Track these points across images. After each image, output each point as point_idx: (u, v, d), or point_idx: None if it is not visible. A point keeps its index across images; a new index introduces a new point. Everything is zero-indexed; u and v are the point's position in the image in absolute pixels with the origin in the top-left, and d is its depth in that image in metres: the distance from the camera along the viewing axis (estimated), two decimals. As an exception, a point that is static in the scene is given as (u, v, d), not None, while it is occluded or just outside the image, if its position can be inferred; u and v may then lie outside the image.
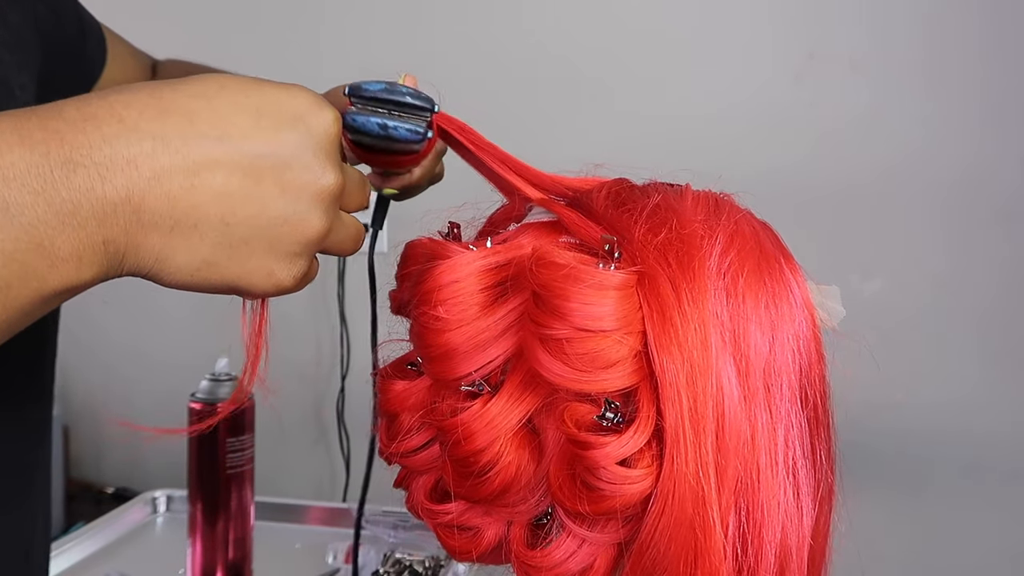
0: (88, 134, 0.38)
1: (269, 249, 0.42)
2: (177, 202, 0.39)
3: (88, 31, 0.75)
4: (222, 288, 0.43)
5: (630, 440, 0.40)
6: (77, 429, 1.60)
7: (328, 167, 0.43)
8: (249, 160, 0.41)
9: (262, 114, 0.42)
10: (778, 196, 0.92)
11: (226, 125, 0.41)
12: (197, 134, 0.40)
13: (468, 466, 0.43)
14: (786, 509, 0.43)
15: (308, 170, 0.42)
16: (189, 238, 0.40)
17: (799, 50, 1.33)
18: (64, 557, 1.11)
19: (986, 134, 1.29)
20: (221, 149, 0.40)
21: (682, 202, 0.46)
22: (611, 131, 1.38)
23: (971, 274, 1.30)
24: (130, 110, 0.39)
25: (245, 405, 1.04)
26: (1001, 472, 1.31)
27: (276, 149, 0.41)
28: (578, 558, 0.44)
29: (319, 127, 0.43)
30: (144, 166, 0.38)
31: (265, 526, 1.20)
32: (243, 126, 0.41)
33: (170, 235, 0.40)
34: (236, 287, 0.43)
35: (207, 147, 0.40)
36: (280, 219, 0.42)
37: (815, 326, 0.46)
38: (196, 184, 0.39)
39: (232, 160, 0.40)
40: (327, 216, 0.44)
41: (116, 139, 0.38)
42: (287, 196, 0.42)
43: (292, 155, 0.42)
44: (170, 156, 0.39)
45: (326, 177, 0.43)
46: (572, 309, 0.40)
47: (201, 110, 0.40)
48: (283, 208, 0.42)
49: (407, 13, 1.45)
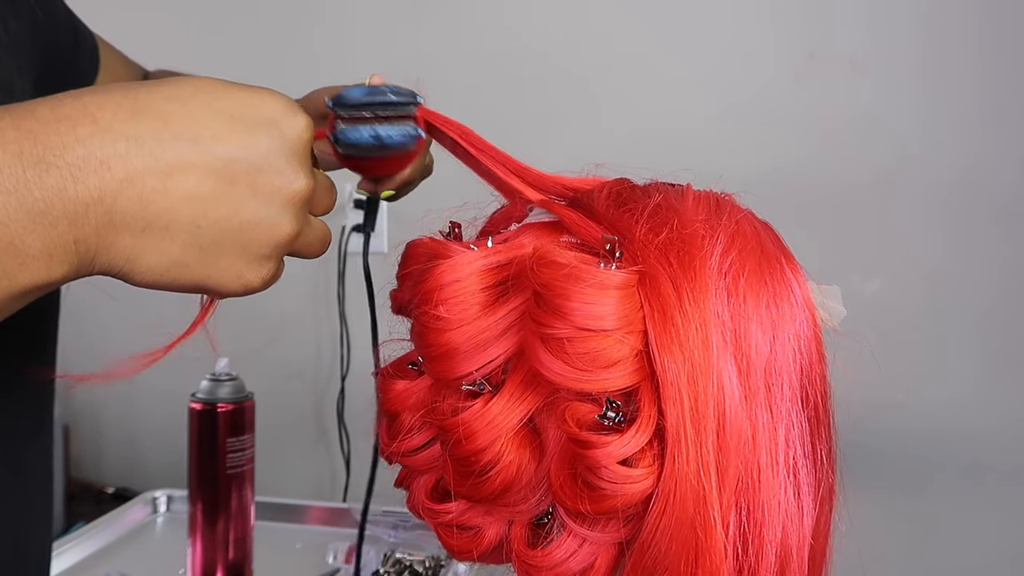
0: (62, 135, 0.38)
1: (240, 252, 0.43)
2: (149, 204, 0.40)
3: (82, 40, 0.75)
4: (191, 288, 0.43)
5: (631, 439, 0.40)
6: (77, 429, 1.60)
7: (300, 172, 0.43)
8: (222, 163, 0.41)
9: (236, 118, 0.42)
10: (779, 196, 0.92)
11: (200, 128, 0.41)
12: (171, 136, 0.40)
13: (469, 465, 0.43)
14: (787, 508, 0.43)
15: (280, 174, 0.43)
16: (160, 239, 0.40)
17: (799, 50, 1.33)
18: (64, 557, 1.11)
19: (986, 134, 1.29)
20: (194, 152, 0.40)
21: (683, 202, 0.46)
22: (611, 131, 1.38)
23: (971, 274, 1.30)
24: (104, 111, 0.39)
25: (246, 404, 1.04)
26: (1001, 472, 1.31)
27: (249, 153, 0.42)
28: (579, 557, 0.44)
29: (292, 132, 0.43)
30: (117, 167, 0.39)
31: (265, 526, 1.20)
32: (217, 129, 0.41)
33: (141, 236, 0.40)
34: (205, 287, 0.43)
35: (180, 149, 0.40)
36: (252, 222, 0.42)
37: (816, 326, 0.46)
38: (168, 186, 0.40)
39: (205, 163, 0.41)
40: (297, 220, 0.44)
41: (89, 140, 0.38)
42: (259, 200, 0.42)
43: (265, 159, 0.42)
44: (143, 158, 0.39)
45: (298, 182, 0.43)
46: (573, 308, 0.40)
47: (175, 112, 0.41)
48: (255, 211, 0.42)
49: (397, 14, 1.46)
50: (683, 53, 1.37)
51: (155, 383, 1.57)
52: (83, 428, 1.61)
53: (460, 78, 1.42)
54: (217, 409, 1.02)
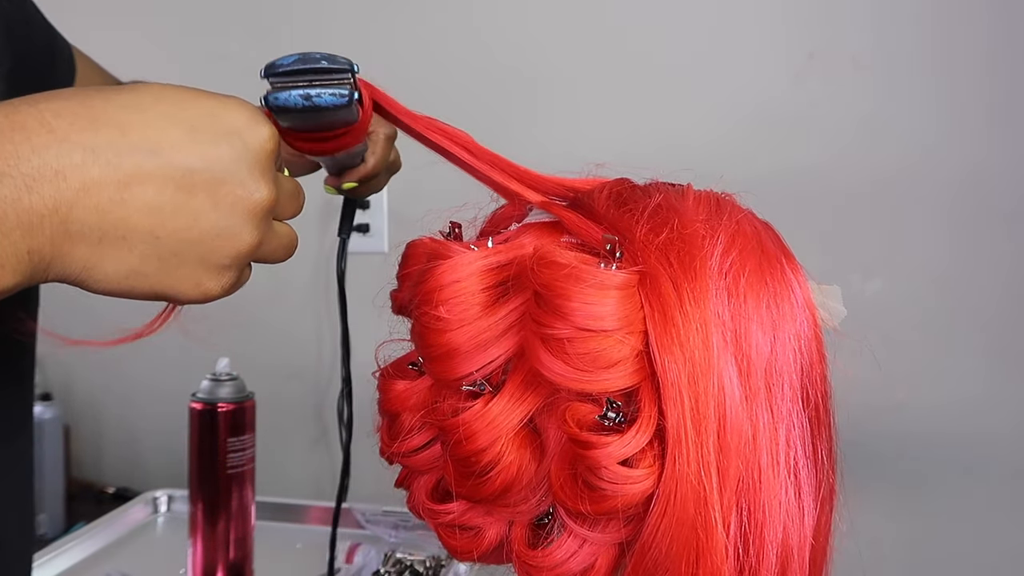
0: (16, 144, 0.37)
1: (199, 262, 0.42)
2: (106, 214, 0.39)
3: (56, 45, 0.75)
4: (150, 296, 0.43)
5: (632, 440, 0.40)
6: (77, 429, 1.60)
7: (262, 182, 0.43)
8: (181, 174, 0.41)
9: (197, 128, 0.41)
10: (780, 196, 0.92)
11: (159, 138, 0.40)
12: (128, 147, 0.39)
13: (469, 466, 0.43)
14: (787, 509, 0.43)
15: (242, 185, 0.42)
16: (118, 249, 0.40)
17: (802, 49, 1.33)
18: (64, 557, 1.11)
19: (989, 134, 1.28)
20: (153, 163, 0.40)
21: (683, 202, 0.46)
22: (611, 131, 1.38)
23: (973, 275, 1.30)
24: (60, 120, 0.39)
25: (246, 404, 1.04)
26: (1002, 472, 1.31)
27: (210, 164, 0.41)
28: (579, 558, 0.44)
29: (255, 142, 0.43)
30: (73, 177, 0.38)
31: (266, 526, 1.20)
32: (176, 139, 0.41)
33: (98, 246, 0.40)
34: (164, 295, 0.43)
35: (138, 160, 0.40)
36: (212, 233, 0.42)
37: (816, 326, 0.46)
38: (126, 197, 0.39)
39: (164, 174, 0.40)
40: (259, 230, 0.44)
41: (45, 150, 0.38)
42: (220, 211, 0.42)
43: (226, 170, 0.42)
44: (100, 168, 0.39)
45: (259, 192, 0.43)
46: (573, 309, 0.40)
47: (134, 122, 0.40)
48: (215, 223, 0.42)
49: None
50: (684, 53, 1.37)
51: (155, 383, 1.57)
52: (83, 428, 1.61)
53: (455, 78, 1.41)
54: (218, 409, 1.02)
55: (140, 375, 1.59)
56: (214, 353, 1.08)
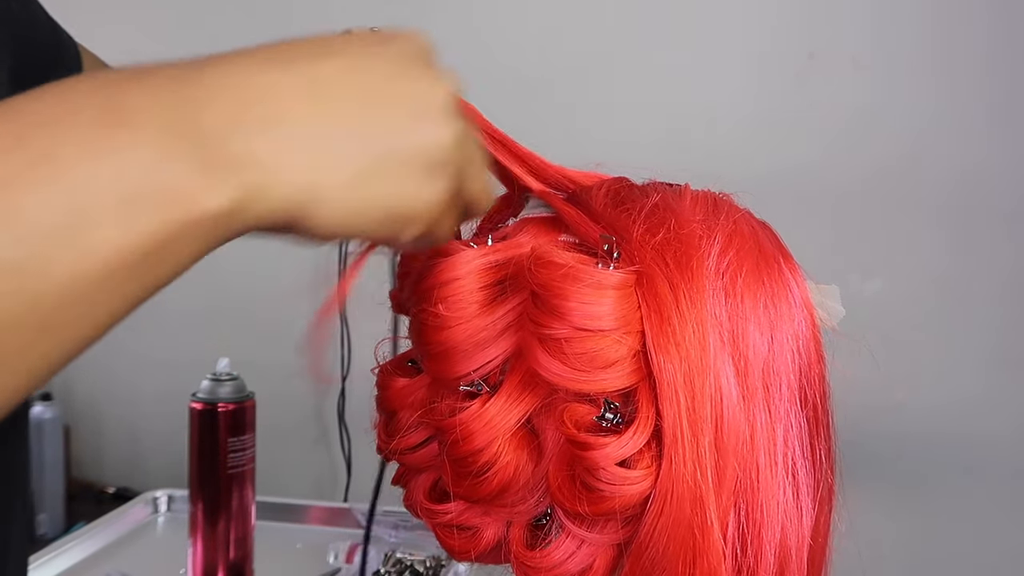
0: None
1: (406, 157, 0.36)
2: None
3: (63, 43, 0.74)
4: (383, 218, 0.36)
5: (629, 441, 0.40)
6: (77, 429, 1.60)
7: (440, 76, 0.42)
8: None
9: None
10: (778, 196, 0.92)
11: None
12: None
13: (466, 466, 0.43)
14: (785, 509, 0.43)
15: (421, 79, 0.40)
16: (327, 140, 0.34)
17: (801, 49, 1.33)
18: (64, 557, 1.11)
19: (989, 134, 1.28)
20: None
21: (681, 202, 0.46)
22: (611, 130, 1.38)
23: (972, 274, 1.30)
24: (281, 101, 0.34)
25: (247, 404, 1.04)
26: (1002, 472, 1.31)
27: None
28: (577, 559, 0.44)
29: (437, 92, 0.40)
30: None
31: (266, 526, 1.20)
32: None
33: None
34: (395, 212, 0.36)
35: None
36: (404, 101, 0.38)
37: (814, 326, 0.46)
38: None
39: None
40: (455, 121, 0.39)
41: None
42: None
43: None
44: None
45: (441, 84, 0.41)
46: (571, 309, 0.40)
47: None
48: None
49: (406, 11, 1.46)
50: (684, 53, 1.37)
51: (156, 383, 1.57)
52: (83, 428, 1.61)
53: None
54: (218, 409, 1.02)
55: (140, 375, 1.59)
56: (214, 353, 1.08)
